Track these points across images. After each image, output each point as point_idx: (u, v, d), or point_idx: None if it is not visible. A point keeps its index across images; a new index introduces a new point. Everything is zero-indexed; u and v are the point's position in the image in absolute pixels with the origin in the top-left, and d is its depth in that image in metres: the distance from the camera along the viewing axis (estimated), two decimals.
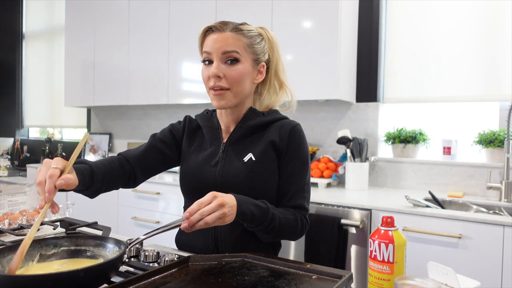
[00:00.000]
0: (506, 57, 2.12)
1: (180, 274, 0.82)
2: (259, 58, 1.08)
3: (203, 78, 1.06)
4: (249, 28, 1.06)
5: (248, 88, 1.07)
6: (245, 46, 1.04)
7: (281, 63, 1.14)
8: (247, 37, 1.05)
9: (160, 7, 2.87)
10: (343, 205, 1.88)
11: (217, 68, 1.02)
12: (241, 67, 1.03)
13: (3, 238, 1.09)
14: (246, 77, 1.05)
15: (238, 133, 1.10)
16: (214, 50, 1.02)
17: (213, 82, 1.02)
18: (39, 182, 0.81)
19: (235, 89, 1.04)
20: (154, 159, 1.15)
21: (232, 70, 1.02)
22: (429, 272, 0.77)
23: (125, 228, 2.68)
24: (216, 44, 1.02)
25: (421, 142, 2.36)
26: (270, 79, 1.13)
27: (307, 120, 2.64)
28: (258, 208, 0.95)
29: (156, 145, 1.15)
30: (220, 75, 1.02)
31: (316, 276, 0.81)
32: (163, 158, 1.16)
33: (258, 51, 1.07)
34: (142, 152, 1.14)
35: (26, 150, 4.25)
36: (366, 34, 2.47)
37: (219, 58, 1.02)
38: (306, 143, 1.11)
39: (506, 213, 1.91)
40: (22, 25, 4.47)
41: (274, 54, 1.12)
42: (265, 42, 1.10)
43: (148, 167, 1.14)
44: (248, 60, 1.05)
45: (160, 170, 1.18)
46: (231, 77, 1.02)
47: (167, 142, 1.17)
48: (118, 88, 3.13)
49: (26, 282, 0.66)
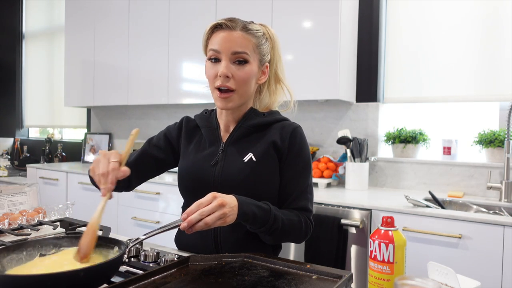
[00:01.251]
0: (506, 57, 2.12)
1: (180, 274, 0.82)
2: (264, 58, 1.08)
3: (209, 75, 1.04)
4: (256, 28, 1.06)
5: (252, 89, 1.07)
6: (254, 46, 1.03)
7: (281, 61, 1.14)
8: (256, 37, 1.04)
9: (160, 7, 2.87)
10: (343, 205, 1.88)
11: (226, 67, 1.00)
12: (249, 68, 1.03)
13: (3, 238, 1.09)
14: (252, 78, 1.05)
15: (238, 132, 1.09)
16: (224, 49, 1.01)
17: (221, 82, 1.01)
18: (102, 173, 0.86)
19: (241, 90, 1.03)
20: (146, 164, 1.17)
21: (241, 71, 1.02)
22: (429, 272, 0.77)
23: (125, 228, 2.68)
24: (226, 43, 1.00)
25: (421, 142, 2.36)
26: (270, 78, 1.13)
27: (307, 120, 2.64)
28: (260, 209, 0.94)
29: (149, 151, 1.17)
30: (229, 75, 1.01)
31: (316, 276, 0.81)
32: (156, 163, 1.18)
33: (264, 51, 1.07)
34: (135, 158, 1.16)
35: (26, 150, 4.25)
36: (366, 34, 2.47)
37: (228, 57, 1.01)
38: (307, 145, 1.10)
39: (506, 213, 1.91)
40: (22, 25, 4.47)
41: (275, 53, 1.12)
42: (268, 42, 1.10)
43: (141, 172, 1.16)
44: (256, 60, 1.05)
45: (153, 175, 1.21)
46: (239, 78, 1.01)
47: (160, 147, 1.18)
48: (118, 88, 3.13)
49: (26, 282, 0.66)
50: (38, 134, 4.60)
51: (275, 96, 1.15)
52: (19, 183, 1.49)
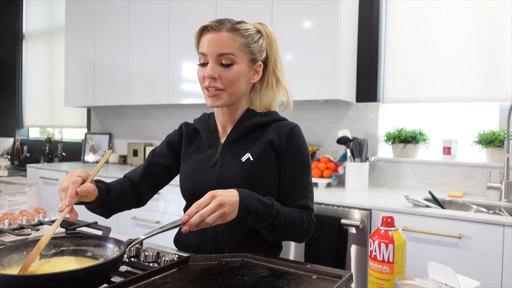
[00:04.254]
0: (506, 57, 2.12)
1: (180, 274, 0.82)
2: (256, 57, 1.07)
3: (199, 78, 1.06)
4: (246, 27, 1.05)
5: (243, 88, 1.07)
6: (241, 46, 1.03)
7: (279, 60, 1.13)
8: (244, 36, 1.04)
9: (160, 7, 2.87)
10: (343, 205, 1.88)
11: (212, 69, 1.01)
12: (236, 68, 1.02)
13: (3, 238, 1.09)
14: (242, 77, 1.04)
15: (235, 133, 1.09)
16: (209, 51, 1.02)
17: (208, 83, 1.02)
18: (63, 188, 0.85)
19: (230, 89, 1.03)
20: (156, 174, 1.17)
21: (227, 72, 1.02)
22: (429, 272, 0.77)
23: (125, 228, 2.68)
24: (211, 45, 1.01)
25: (421, 142, 2.36)
26: (268, 76, 1.12)
27: (307, 120, 2.64)
28: (263, 204, 0.94)
29: (155, 160, 1.18)
30: (215, 77, 1.01)
31: (316, 276, 0.81)
32: (165, 170, 1.18)
33: (255, 50, 1.06)
34: (143, 170, 1.16)
35: (26, 150, 4.25)
36: (366, 34, 2.47)
37: (214, 59, 1.01)
38: (305, 144, 1.10)
39: (506, 213, 1.91)
40: (22, 25, 4.47)
41: (273, 51, 1.11)
42: (263, 40, 1.09)
43: (152, 183, 1.17)
44: (244, 60, 1.04)
45: (165, 183, 1.21)
46: (226, 79, 1.02)
47: (165, 154, 1.18)
48: (118, 88, 3.13)
49: (26, 282, 0.66)
50: (38, 134, 4.60)
51: (274, 96, 1.14)
52: (19, 183, 1.49)
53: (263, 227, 0.97)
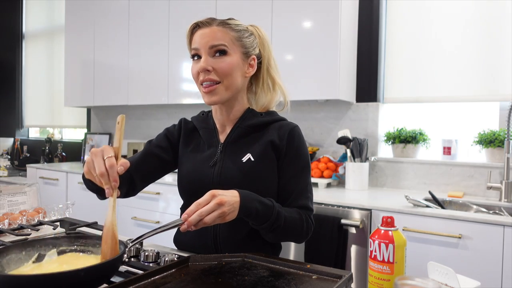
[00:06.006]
0: (506, 57, 2.12)
1: (180, 274, 0.82)
2: (249, 51, 1.07)
3: (193, 74, 1.05)
4: (236, 23, 1.06)
5: (239, 81, 1.06)
6: (233, 39, 1.03)
7: (272, 60, 1.14)
8: (235, 30, 1.04)
9: (160, 7, 2.87)
10: (343, 205, 1.88)
11: (205, 61, 1.01)
12: (229, 59, 1.02)
13: (3, 238, 1.09)
14: (236, 69, 1.04)
15: (235, 133, 1.09)
16: (201, 45, 1.02)
17: (203, 77, 1.02)
18: (101, 173, 0.80)
19: (226, 82, 1.03)
20: (151, 165, 1.13)
21: (221, 62, 1.01)
22: (429, 272, 0.77)
23: (125, 228, 2.68)
24: (203, 39, 1.02)
25: (421, 142, 2.36)
26: (263, 76, 1.12)
27: (307, 120, 2.64)
28: (263, 205, 0.94)
29: (152, 151, 1.14)
30: (209, 69, 1.01)
31: (316, 276, 0.81)
32: (161, 163, 1.15)
33: (247, 44, 1.06)
34: (139, 159, 1.12)
35: (26, 150, 4.25)
36: (366, 34, 2.47)
37: (207, 52, 1.01)
38: (305, 144, 1.10)
39: (506, 213, 1.91)
40: (22, 25, 4.47)
41: (266, 51, 1.11)
42: (254, 37, 1.09)
43: (146, 173, 1.13)
44: (237, 52, 1.04)
45: (158, 176, 1.17)
46: (220, 69, 1.01)
47: (163, 147, 1.15)
48: (118, 88, 3.13)
49: (26, 282, 0.66)
50: (38, 134, 4.60)
51: (271, 96, 1.14)
52: (19, 183, 1.49)
53: (263, 228, 0.97)
